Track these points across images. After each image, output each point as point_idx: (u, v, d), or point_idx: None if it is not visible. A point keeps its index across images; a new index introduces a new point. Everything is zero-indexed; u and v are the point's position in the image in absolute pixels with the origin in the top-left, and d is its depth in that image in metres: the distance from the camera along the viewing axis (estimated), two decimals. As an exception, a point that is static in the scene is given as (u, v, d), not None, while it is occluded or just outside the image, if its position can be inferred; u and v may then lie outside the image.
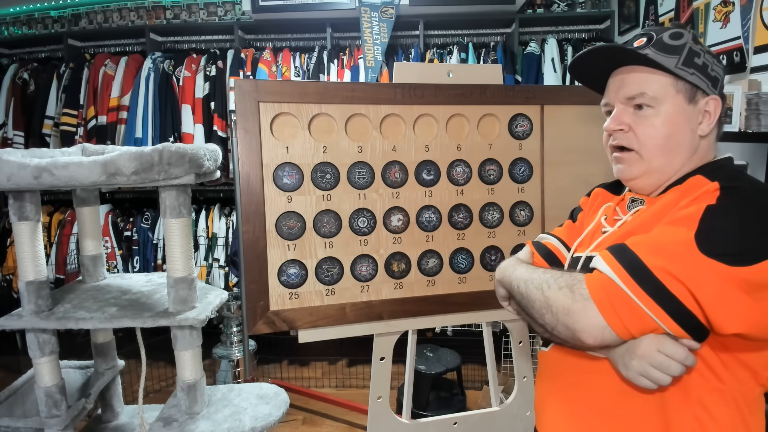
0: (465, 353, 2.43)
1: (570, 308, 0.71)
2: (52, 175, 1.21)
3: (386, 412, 1.43)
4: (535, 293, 0.78)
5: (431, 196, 1.38)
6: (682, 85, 0.80)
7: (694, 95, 0.80)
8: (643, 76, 0.81)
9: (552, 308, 0.74)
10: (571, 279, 0.74)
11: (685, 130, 0.80)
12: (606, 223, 0.90)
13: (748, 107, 1.66)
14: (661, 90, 0.80)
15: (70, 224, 3.06)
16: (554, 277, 0.77)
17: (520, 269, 0.86)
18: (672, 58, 0.79)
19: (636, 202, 0.88)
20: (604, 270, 0.70)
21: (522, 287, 0.82)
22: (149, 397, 2.61)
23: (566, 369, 0.85)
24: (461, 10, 2.95)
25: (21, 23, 3.60)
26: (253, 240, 1.25)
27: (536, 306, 0.77)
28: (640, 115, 0.81)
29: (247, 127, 1.25)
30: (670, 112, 0.80)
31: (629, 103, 0.82)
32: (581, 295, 0.70)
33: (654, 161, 0.82)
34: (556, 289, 0.74)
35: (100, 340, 1.65)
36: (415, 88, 1.35)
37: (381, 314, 1.35)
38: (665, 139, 0.80)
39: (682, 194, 0.77)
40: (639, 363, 0.69)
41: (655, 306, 0.66)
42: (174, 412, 1.40)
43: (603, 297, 0.69)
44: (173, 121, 2.99)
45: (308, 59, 3.08)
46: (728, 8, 2.02)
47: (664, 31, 0.82)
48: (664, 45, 0.80)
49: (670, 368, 0.68)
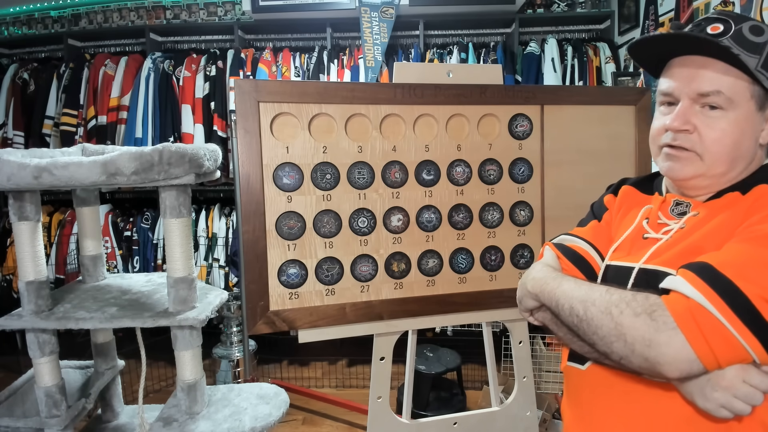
0: (465, 353, 2.44)
1: (652, 339, 0.63)
2: (52, 175, 1.21)
3: (386, 412, 1.43)
4: (601, 318, 0.68)
5: (431, 196, 1.38)
6: (757, 90, 0.72)
7: (765, 102, 0.73)
8: (720, 73, 0.72)
9: (626, 337, 0.65)
10: (649, 303, 0.65)
11: (750, 139, 0.74)
12: (649, 228, 0.81)
13: (748, 107, 1.66)
14: (737, 92, 0.72)
15: (70, 224, 3.06)
16: (624, 299, 0.67)
17: (568, 284, 0.76)
18: (753, 57, 0.70)
19: (681, 206, 0.80)
20: (692, 295, 0.63)
21: (578, 308, 0.71)
22: (149, 397, 2.61)
23: (617, 394, 0.77)
24: (461, 10, 2.95)
25: (21, 23, 3.60)
26: (253, 240, 1.26)
27: (602, 333, 0.68)
28: (709, 115, 0.73)
29: (247, 127, 1.25)
30: (740, 118, 0.72)
31: (699, 99, 0.74)
32: (665, 323, 0.62)
33: (714, 167, 0.75)
34: (632, 316, 0.65)
35: (100, 340, 1.65)
36: (415, 88, 1.35)
37: (381, 314, 1.35)
38: (731, 147, 0.73)
39: (750, 206, 0.71)
40: (723, 395, 0.63)
41: (751, 336, 0.61)
42: (174, 412, 1.40)
43: (693, 326, 0.61)
44: (173, 121, 3.00)
45: (308, 59, 3.08)
46: (728, 8, 2.02)
47: (744, 21, 0.72)
48: (745, 40, 0.70)
49: (755, 399, 0.63)
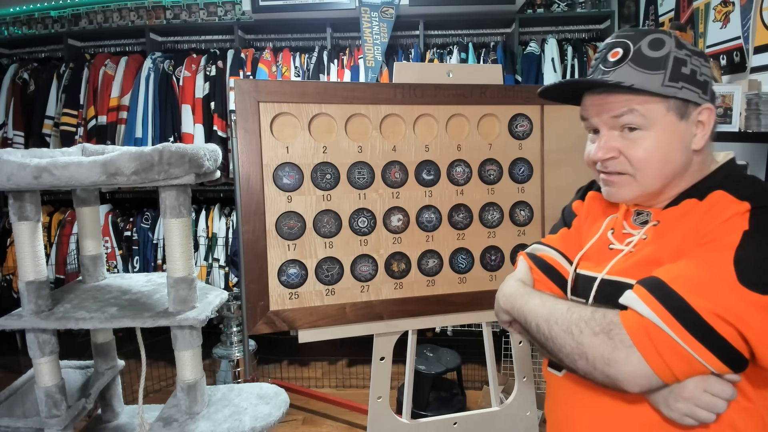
0: (465, 353, 2.44)
1: (610, 358, 0.65)
2: (52, 175, 1.21)
3: (386, 412, 1.43)
4: (564, 338, 0.69)
5: (431, 196, 1.38)
6: (673, 103, 0.72)
7: (686, 110, 0.72)
8: (628, 96, 0.72)
9: (587, 356, 0.67)
10: (606, 322, 0.67)
11: (679, 150, 0.73)
12: (614, 239, 0.82)
13: (748, 107, 1.66)
14: (651, 110, 0.72)
15: (70, 224, 3.06)
16: (583, 317, 0.69)
17: (534, 300, 0.77)
18: (656, 74, 0.70)
19: (642, 215, 0.81)
20: (645, 313, 0.64)
21: (544, 327, 0.73)
22: (149, 397, 2.61)
23: (589, 400, 0.79)
24: (461, 10, 2.95)
25: (21, 23, 3.60)
26: (253, 240, 1.26)
27: (566, 351, 0.70)
28: (630, 138, 0.74)
29: (247, 127, 1.25)
30: (662, 134, 0.72)
31: (616, 124, 0.74)
32: (622, 342, 0.64)
33: (649, 185, 0.76)
34: (590, 335, 0.66)
35: (100, 340, 1.65)
36: (415, 88, 1.35)
37: (381, 314, 1.35)
38: (662, 162, 0.73)
39: (705, 213, 0.70)
40: (685, 405, 0.66)
41: (705, 351, 0.62)
42: (174, 412, 1.40)
43: (647, 343, 0.63)
44: (173, 121, 2.99)
45: (308, 59, 3.08)
46: (728, 8, 2.02)
47: (642, 38, 0.72)
48: (644, 59, 0.71)
49: (717, 407, 0.65)
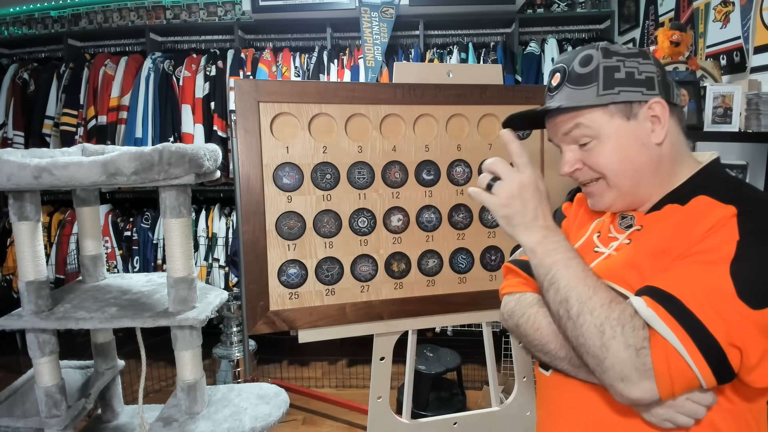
0: (465, 353, 2.43)
1: (628, 377, 0.64)
2: (52, 175, 1.21)
3: (386, 412, 1.43)
4: (592, 332, 0.67)
5: (431, 196, 1.38)
6: (614, 108, 0.75)
7: (631, 109, 0.75)
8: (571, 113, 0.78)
9: (605, 361, 0.65)
10: (641, 338, 0.65)
11: (636, 147, 0.76)
12: (599, 243, 0.84)
13: (748, 107, 1.66)
14: (594, 120, 0.76)
15: (70, 224, 3.06)
16: (621, 321, 0.65)
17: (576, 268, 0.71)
18: (589, 88, 0.75)
19: (626, 219, 0.83)
20: (669, 338, 0.63)
21: (574, 306, 0.69)
22: (149, 397, 2.61)
23: (573, 400, 0.80)
24: (461, 10, 2.95)
25: (21, 23, 3.60)
26: (253, 240, 1.26)
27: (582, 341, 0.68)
28: (586, 150, 0.78)
29: (247, 127, 1.25)
30: (614, 138, 0.76)
31: (570, 140, 0.80)
32: (644, 365, 0.64)
33: (621, 185, 0.78)
34: (622, 347, 0.64)
35: (100, 340, 1.65)
36: (415, 88, 1.35)
37: (381, 314, 1.35)
38: (620, 164, 0.76)
39: (688, 219, 0.71)
40: (667, 411, 0.67)
41: (711, 377, 0.63)
42: (174, 412, 1.40)
43: (665, 372, 0.63)
44: (173, 121, 3.00)
45: (308, 59, 3.08)
46: (728, 8, 2.02)
47: (574, 59, 0.78)
48: (578, 77, 0.76)
49: (697, 414, 0.67)
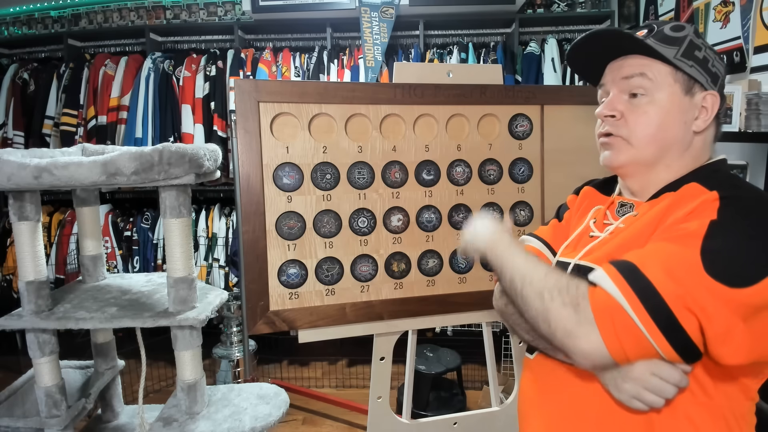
0: (465, 353, 2.43)
1: (572, 331, 0.66)
2: (52, 175, 1.21)
3: (386, 412, 1.43)
4: (534, 299, 0.72)
5: (431, 196, 1.38)
6: (681, 76, 0.78)
7: (692, 87, 0.78)
8: (643, 62, 0.79)
9: (551, 323, 0.69)
10: (576, 294, 0.68)
11: (678, 122, 0.78)
12: (595, 228, 0.86)
13: (748, 107, 1.67)
14: (659, 76, 0.78)
15: (70, 224, 3.06)
16: (557, 285, 0.70)
17: (519, 257, 0.79)
18: (672, 48, 0.78)
19: (626, 207, 0.84)
20: (612, 292, 0.65)
21: (518, 283, 0.75)
22: (149, 397, 2.61)
23: (553, 380, 0.82)
24: (461, 10, 2.95)
25: (21, 23, 3.60)
26: (253, 240, 1.26)
27: (531, 313, 0.73)
28: (634, 103, 0.80)
29: (247, 127, 1.25)
30: (665, 101, 0.78)
31: (626, 88, 0.80)
32: (585, 318, 0.65)
33: (643, 150, 0.79)
34: (560, 305, 0.68)
35: (100, 340, 1.65)
36: (415, 88, 1.35)
37: (381, 314, 1.35)
38: (657, 128, 0.78)
39: (676, 202, 0.74)
40: (632, 386, 0.68)
41: (662, 339, 0.63)
42: (174, 412, 1.40)
43: (608, 324, 0.64)
44: (173, 121, 2.99)
45: (308, 59, 3.08)
46: (728, 8, 2.02)
47: (666, 24, 0.81)
48: (664, 36, 0.79)
49: (665, 391, 0.67)
